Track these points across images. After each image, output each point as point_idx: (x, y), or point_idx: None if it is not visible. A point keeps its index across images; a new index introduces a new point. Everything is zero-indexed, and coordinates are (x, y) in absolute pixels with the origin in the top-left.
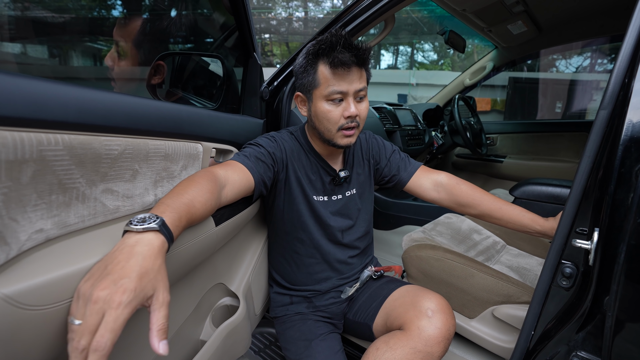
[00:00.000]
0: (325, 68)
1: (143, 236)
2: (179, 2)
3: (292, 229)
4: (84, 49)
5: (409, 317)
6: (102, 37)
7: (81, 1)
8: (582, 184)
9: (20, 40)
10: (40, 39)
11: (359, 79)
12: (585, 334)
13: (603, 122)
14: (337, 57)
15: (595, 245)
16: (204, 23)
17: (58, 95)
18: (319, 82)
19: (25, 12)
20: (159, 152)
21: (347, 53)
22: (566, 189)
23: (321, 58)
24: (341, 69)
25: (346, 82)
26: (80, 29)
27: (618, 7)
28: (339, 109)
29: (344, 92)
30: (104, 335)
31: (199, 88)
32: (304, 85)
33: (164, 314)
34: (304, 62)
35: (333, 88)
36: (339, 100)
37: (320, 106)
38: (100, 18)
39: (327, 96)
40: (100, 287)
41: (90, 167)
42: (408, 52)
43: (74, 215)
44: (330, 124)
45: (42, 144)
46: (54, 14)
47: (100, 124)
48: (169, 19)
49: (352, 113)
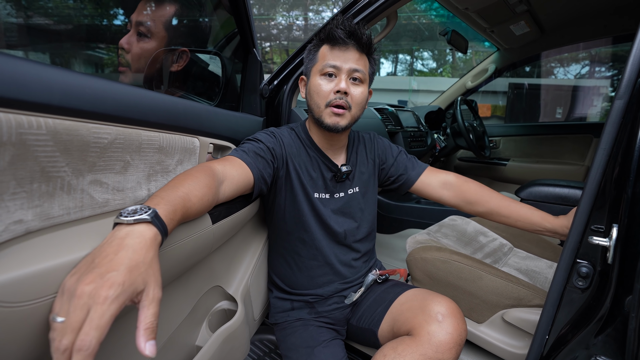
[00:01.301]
0: (326, 47)
1: (134, 228)
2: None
3: (294, 228)
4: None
5: (417, 321)
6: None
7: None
8: (598, 179)
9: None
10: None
11: (357, 60)
12: (606, 338)
13: (619, 112)
14: (333, 33)
15: (615, 243)
16: (203, 20)
17: (41, 76)
18: (317, 59)
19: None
20: (152, 144)
21: (344, 32)
22: (574, 190)
23: (324, 40)
24: (338, 47)
25: (341, 59)
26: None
27: (622, 7)
28: (331, 84)
29: (337, 66)
30: (88, 333)
31: (196, 86)
32: (307, 67)
33: (154, 311)
34: (311, 47)
35: (327, 62)
36: (332, 76)
37: (314, 80)
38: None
39: (322, 70)
40: (86, 282)
41: (77, 156)
42: (407, 60)
43: (58, 206)
44: (319, 98)
45: (22, 127)
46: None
47: (88, 110)
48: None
49: (341, 88)
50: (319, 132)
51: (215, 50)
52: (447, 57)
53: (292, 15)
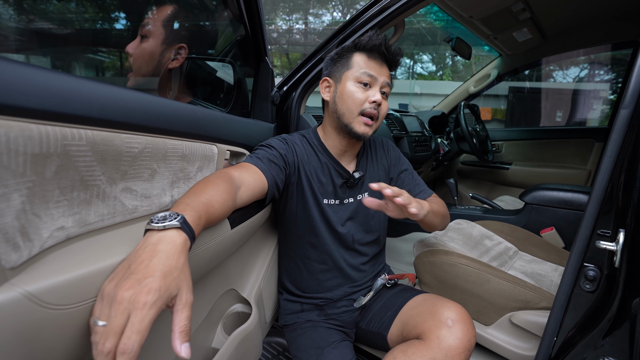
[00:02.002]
0: (361, 57)
1: (165, 234)
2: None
3: (305, 232)
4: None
5: (427, 326)
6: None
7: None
8: (604, 185)
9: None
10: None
11: (388, 75)
12: (614, 339)
13: (625, 121)
14: (375, 49)
15: (622, 247)
16: (215, 29)
17: (81, 90)
18: (352, 66)
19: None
20: (176, 152)
21: (383, 49)
22: (577, 194)
23: (359, 49)
24: (375, 61)
25: (377, 71)
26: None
27: (624, 14)
28: (365, 93)
29: (374, 76)
30: (130, 337)
31: (209, 93)
32: (335, 70)
33: (187, 315)
34: (340, 51)
35: (365, 70)
36: (367, 85)
37: (348, 86)
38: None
39: (358, 77)
40: (125, 287)
41: (112, 165)
42: (407, 63)
43: (94, 213)
44: (354, 104)
45: (66, 138)
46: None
47: (121, 121)
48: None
49: (377, 99)
50: (338, 137)
51: (229, 59)
52: (447, 61)
53: (292, 18)
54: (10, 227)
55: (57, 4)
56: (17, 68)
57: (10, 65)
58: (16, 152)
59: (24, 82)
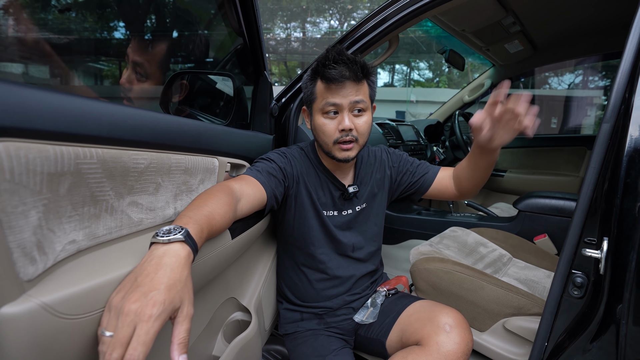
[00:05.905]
0: (321, 83)
1: (170, 247)
2: (191, 22)
3: (303, 244)
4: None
5: (426, 332)
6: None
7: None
8: (589, 195)
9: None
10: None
11: (356, 92)
12: (600, 343)
13: (606, 134)
14: (327, 72)
15: (606, 254)
16: (214, 43)
17: (93, 111)
18: (316, 96)
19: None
20: (180, 166)
21: (338, 67)
22: (569, 202)
23: (318, 74)
24: (333, 83)
25: (339, 95)
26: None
27: (611, 27)
28: (334, 122)
29: (338, 104)
30: (136, 348)
31: (209, 105)
32: (307, 99)
33: (187, 327)
34: (307, 78)
35: (326, 101)
36: (334, 113)
37: (317, 119)
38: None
39: (322, 109)
40: (132, 300)
41: (120, 180)
42: (404, 71)
43: (102, 227)
44: (326, 137)
45: (79, 157)
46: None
47: (129, 139)
48: (186, 38)
49: (345, 126)
50: (327, 158)
51: (229, 73)
52: (443, 68)
53: (290, 27)
54: (28, 242)
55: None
56: (36, 94)
57: (30, 92)
58: (34, 172)
59: (42, 106)
